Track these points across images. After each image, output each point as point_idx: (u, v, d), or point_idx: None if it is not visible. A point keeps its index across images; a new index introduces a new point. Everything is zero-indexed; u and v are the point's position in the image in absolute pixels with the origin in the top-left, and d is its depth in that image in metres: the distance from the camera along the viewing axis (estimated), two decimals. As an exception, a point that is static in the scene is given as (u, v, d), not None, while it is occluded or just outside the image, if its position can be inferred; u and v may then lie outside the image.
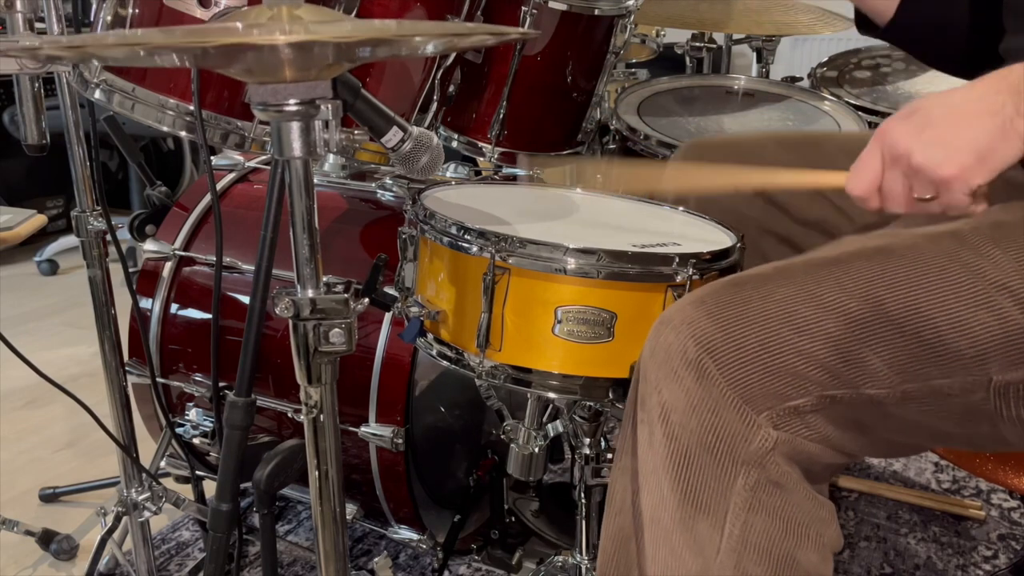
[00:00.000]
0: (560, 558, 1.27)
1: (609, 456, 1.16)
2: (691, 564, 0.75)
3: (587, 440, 1.16)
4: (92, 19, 1.10)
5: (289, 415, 1.31)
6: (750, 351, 0.74)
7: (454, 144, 1.48)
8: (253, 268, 0.93)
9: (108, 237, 1.20)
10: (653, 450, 0.76)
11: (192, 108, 1.02)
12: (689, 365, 0.74)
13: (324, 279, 0.73)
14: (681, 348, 0.74)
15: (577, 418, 1.15)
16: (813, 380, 0.74)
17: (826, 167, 0.93)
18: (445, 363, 0.99)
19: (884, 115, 1.63)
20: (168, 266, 1.39)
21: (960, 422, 0.79)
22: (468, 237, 0.93)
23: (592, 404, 1.12)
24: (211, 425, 1.37)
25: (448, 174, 1.49)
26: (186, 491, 1.39)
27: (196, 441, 1.37)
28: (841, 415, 0.76)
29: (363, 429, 1.25)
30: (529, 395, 1.09)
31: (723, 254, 0.94)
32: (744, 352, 0.74)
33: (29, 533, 1.51)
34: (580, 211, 1.14)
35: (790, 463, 0.75)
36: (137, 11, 1.05)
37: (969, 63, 0.93)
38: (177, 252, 1.39)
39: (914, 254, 0.78)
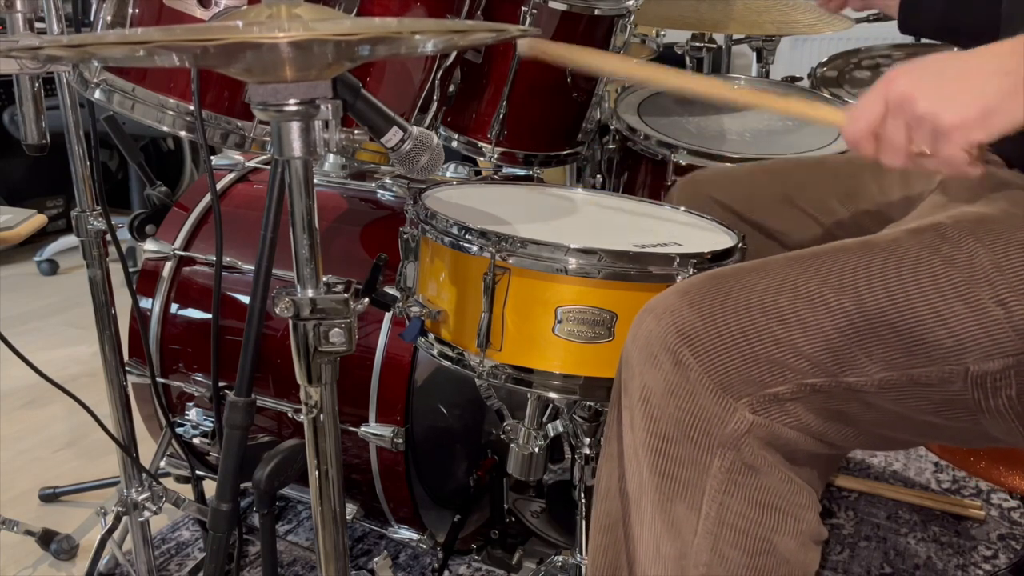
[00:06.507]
0: (560, 558, 1.27)
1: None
2: (669, 546, 0.76)
3: (587, 440, 1.17)
4: (92, 19, 1.10)
5: (289, 415, 1.31)
6: (730, 339, 0.75)
7: (454, 144, 1.48)
8: (253, 268, 0.93)
9: (108, 237, 1.20)
10: (634, 433, 0.77)
11: (192, 108, 1.02)
12: (668, 351, 0.75)
13: (324, 279, 0.73)
14: (662, 335, 0.76)
15: (577, 418, 1.15)
16: (793, 368, 0.75)
17: (818, 196, 0.91)
18: (446, 363, 0.99)
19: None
20: (168, 266, 1.39)
21: (940, 413, 0.79)
22: (469, 237, 0.94)
23: (592, 404, 1.12)
24: (211, 425, 1.36)
25: (448, 174, 1.49)
26: (186, 491, 1.39)
27: (196, 441, 1.37)
28: (822, 404, 0.77)
29: (363, 429, 1.25)
30: (529, 395, 1.09)
31: (723, 254, 0.94)
32: (723, 340, 0.75)
33: (29, 533, 1.51)
34: (581, 211, 1.14)
35: (767, 447, 0.76)
36: (137, 11, 1.05)
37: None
38: (177, 252, 1.39)
39: (895, 247, 0.79)
